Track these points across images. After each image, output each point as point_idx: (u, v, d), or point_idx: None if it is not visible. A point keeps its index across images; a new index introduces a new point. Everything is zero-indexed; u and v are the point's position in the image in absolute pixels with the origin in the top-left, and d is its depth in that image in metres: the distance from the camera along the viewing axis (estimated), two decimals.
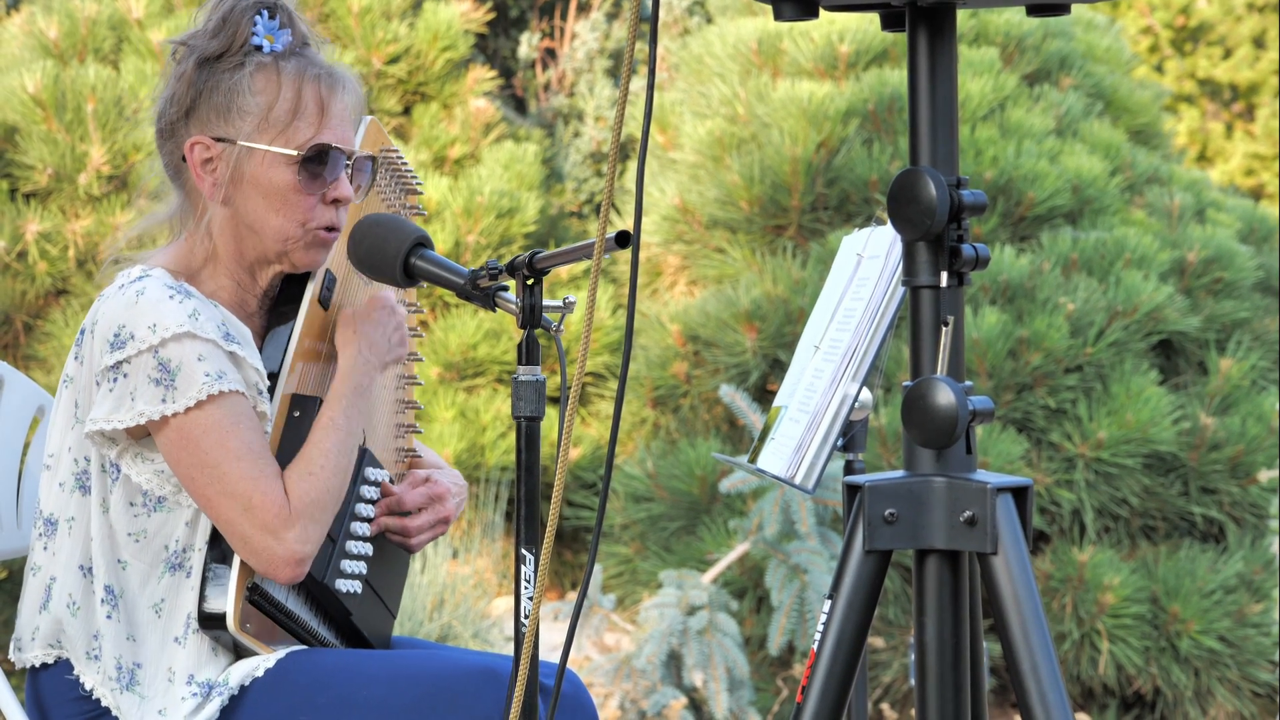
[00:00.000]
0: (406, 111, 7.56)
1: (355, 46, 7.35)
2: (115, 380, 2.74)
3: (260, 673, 2.79)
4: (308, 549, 2.76)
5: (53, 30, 6.92)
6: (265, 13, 2.86)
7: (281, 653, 2.82)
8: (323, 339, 2.92)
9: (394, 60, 7.42)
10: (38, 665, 2.85)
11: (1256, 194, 13.46)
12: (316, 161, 2.85)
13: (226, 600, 2.76)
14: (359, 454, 2.92)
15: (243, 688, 2.79)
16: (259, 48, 2.85)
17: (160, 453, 2.78)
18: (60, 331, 6.58)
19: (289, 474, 2.78)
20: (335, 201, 2.87)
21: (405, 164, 3.09)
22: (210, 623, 2.77)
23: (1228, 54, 13.96)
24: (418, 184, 3.12)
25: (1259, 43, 13.88)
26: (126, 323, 2.74)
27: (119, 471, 2.79)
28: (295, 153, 2.83)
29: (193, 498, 2.76)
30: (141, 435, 2.79)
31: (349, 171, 2.90)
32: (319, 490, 2.78)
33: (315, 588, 2.87)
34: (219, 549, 2.78)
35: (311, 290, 2.90)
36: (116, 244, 3.01)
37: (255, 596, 2.78)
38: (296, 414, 2.84)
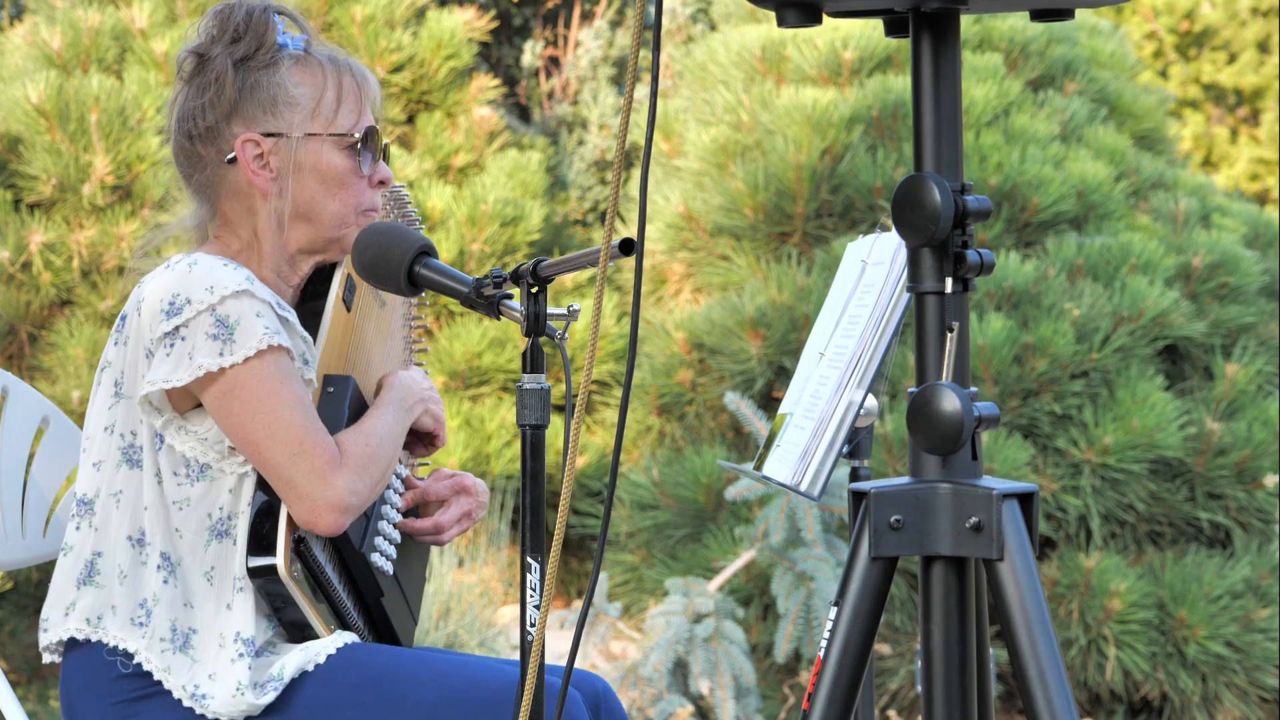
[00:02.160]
0: (410, 120, 7.55)
1: (359, 55, 7.34)
2: (173, 344, 2.79)
3: (310, 667, 2.82)
4: (353, 500, 2.80)
5: (56, 40, 6.92)
6: (277, 16, 2.94)
7: (332, 648, 2.84)
8: (347, 338, 2.98)
9: (398, 69, 7.42)
10: (67, 639, 2.86)
11: (1262, 199, 13.44)
12: (367, 144, 2.94)
13: (277, 549, 2.79)
14: None
15: (293, 680, 2.81)
16: (284, 45, 2.93)
17: (205, 419, 2.81)
18: (65, 342, 6.58)
19: (343, 435, 2.85)
20: (380, 184, 2.97)
21: (401, 188, 3.14)
22: (259, 572, 2.80)
23: (1232, 59, 13.95)
24: (414, 215, 3.16)
25: (1264, 47, 13.86)
26: (180, 290, 2.79)
27: (162, 442, 2.83)
28: (355, 135, 2.92)
29: (239, 446, 2.80)
30: (186, 408, 2.83)
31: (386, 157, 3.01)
32: (370, 454, 2.84)
33: (353, 557, 2.90)
34: (266, 501, 2.82)
35: (336, 288, 2.96)
36: (153, 241, 3.05)
37: (301, 548, 2.82)
38: (331, 389, 2.91)
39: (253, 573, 2.80)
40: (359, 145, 2.93)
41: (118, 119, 6.63)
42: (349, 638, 2.88)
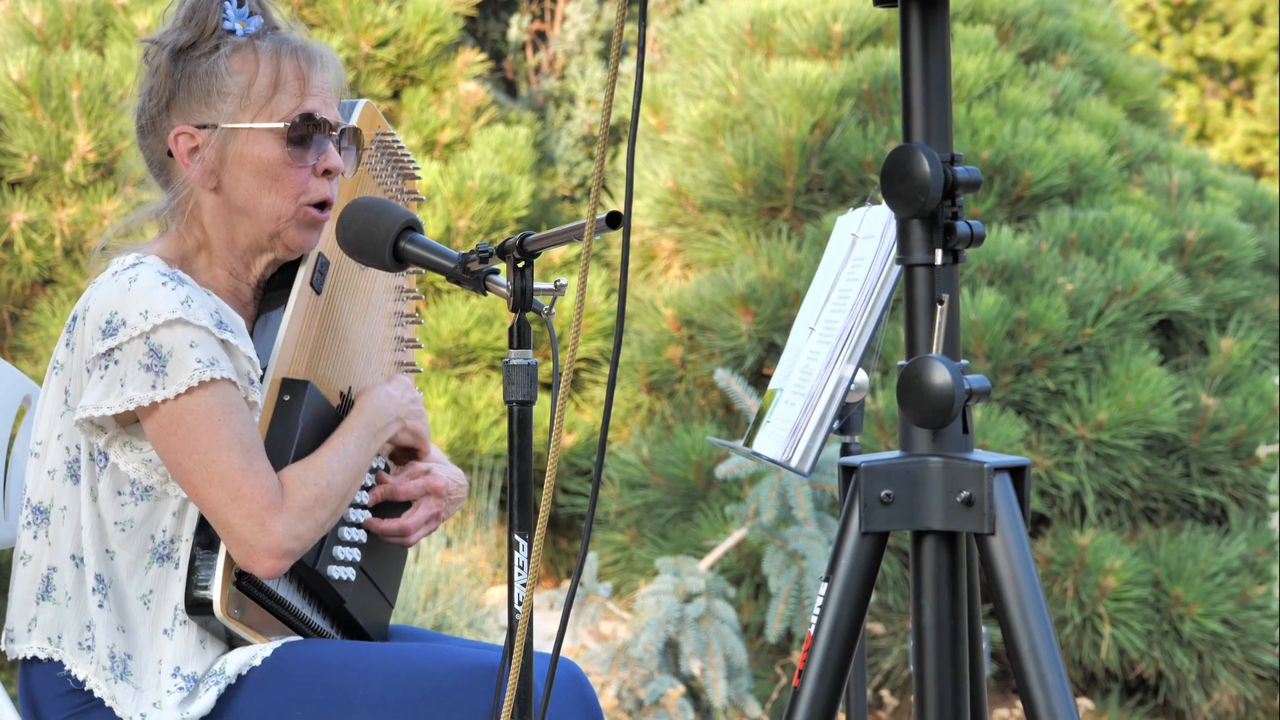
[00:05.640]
0: (396, 95, 7.51)
1: (344, 30, 7.30)
2: (106, 367, 2.73)
3: (257, 662, 2.78)
4: (294, 545, 2.73)
5: (37, 16, 6.88)
6: (234, 1, 2.84)
7: (278, 643, 2.79)
8: (314, 325, 2.90)
9: (383, 44, 7.38)
10: (29, 658, 2.83)
11: (1256, 171, 13.44)
12: (302, 131, 2.82)
13: (213, 586, 2.73)
14: None
15: (240, 677, 2.77)
16: (231, 32, 2.83)
17: (148, 441, 2.76)
18: (47, 321, 6.54)
19: (289, 474, 2.76)
20: (326, 173, 2.85)
21: (403, 149, 3.06)
22: (198, 609, 2.74)
23: (1226, 30, 13.93)
24: (416, 169, 3.09)
25: (1258, 19, 13.84)
26: (118, 309, 2.72)
27: (107, 460, 2.78)
28: (281, 125, 2.81)
29: (179, 484, 2.74)
30: (130, 423, 2.77)
31: (337, 144, 2.87)
32: (317, 496, 2.76)
33: (307, 574, 2.84)
34: (206, 535, 2.76)
35: (303, 273, 2.88)
36: (105, 234, 2.97)
37: (244, 583, 2.76)
38: (286, 398, 2.82)
39: (190, 609, 2.74)
40: (292, 132, 2.82)
41: (99, 95, 6.59)
42: (289, 635, 2.83)
